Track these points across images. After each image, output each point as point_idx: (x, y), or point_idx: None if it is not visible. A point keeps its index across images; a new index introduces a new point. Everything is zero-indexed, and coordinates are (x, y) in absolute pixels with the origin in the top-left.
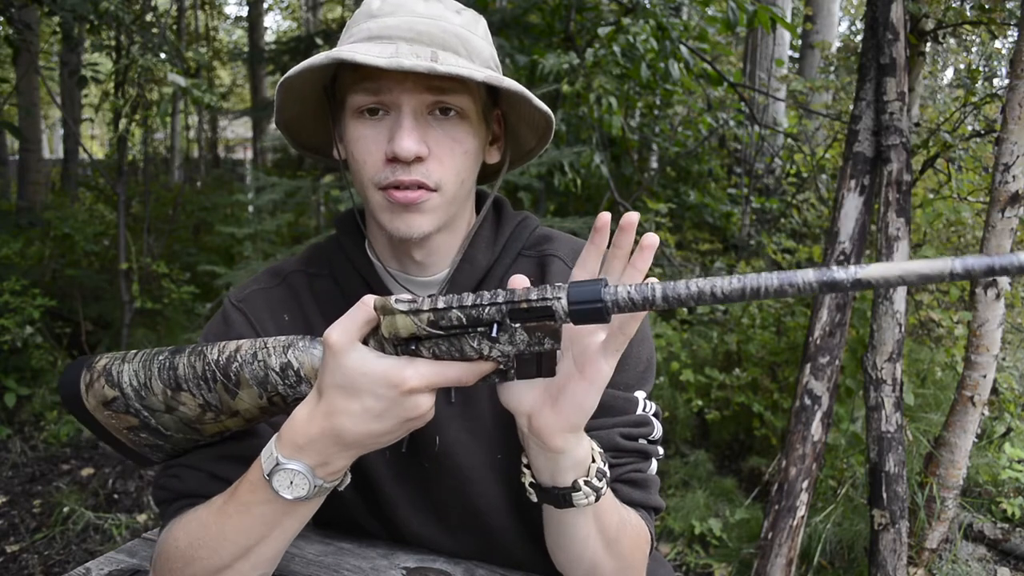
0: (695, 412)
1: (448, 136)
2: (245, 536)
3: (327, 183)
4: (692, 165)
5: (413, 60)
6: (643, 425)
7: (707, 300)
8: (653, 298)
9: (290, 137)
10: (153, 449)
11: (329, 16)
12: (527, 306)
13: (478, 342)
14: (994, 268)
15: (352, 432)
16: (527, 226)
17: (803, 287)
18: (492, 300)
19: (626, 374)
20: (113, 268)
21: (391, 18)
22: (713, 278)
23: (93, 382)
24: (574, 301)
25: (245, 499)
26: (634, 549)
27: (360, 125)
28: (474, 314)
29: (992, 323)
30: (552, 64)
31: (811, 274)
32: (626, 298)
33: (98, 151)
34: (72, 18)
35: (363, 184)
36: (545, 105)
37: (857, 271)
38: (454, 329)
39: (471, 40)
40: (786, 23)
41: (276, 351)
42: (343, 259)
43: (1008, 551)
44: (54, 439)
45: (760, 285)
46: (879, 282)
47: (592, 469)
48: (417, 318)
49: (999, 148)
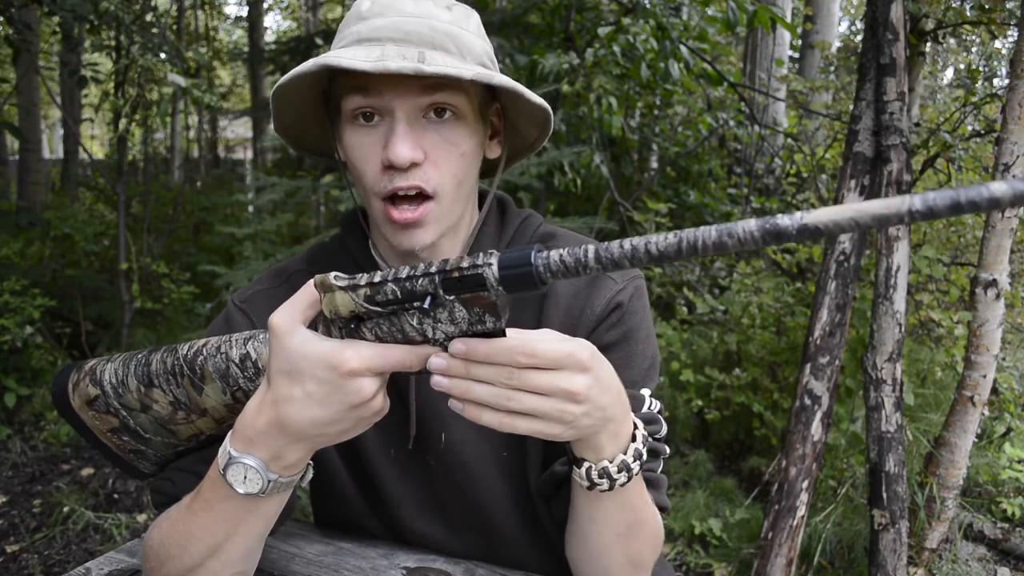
0: (695, 412)
1: (444, 139)
2: (211, 534)
3: (327, 183)
4: (692, 165)
5: (399, 62)
6: (651, 423)
7: (642, 258)
8: (586, 260)
9: (292, 141)
10: (137, 456)
11: (329, 16)
12: (458, 275)
13: (418, 320)
14: (960, 203)
15: (296, 420)
16: (531, 224)
17: (744, 238)
18: (425, 271)
19: (632, 371)
20: (113, 268)
21: (379, 19)
22: (649, 236)
23: (79, 381)
24: (504, 266)
25: (207, 496)
26: (647, 548)
27: (356, 132)
28: (408, 287)
29: (992, 323)
30: (552, 64)
31: (752, 224)
32: (558, 261)
33: (98, 151)
34: (72, 18)
35: (365, 192)
36: (540, 98)
37: (804, 216)
38: (391, 304)
39: (462, 37)
40: (786, 23)
41: (237, 343)
42: (348, 259)
43: (1008, 551)
44: (54, 439)
45: (697, 238)
46: (828, 227)
47: (601, 462)
48: (355, 294)
49: (999, 148)
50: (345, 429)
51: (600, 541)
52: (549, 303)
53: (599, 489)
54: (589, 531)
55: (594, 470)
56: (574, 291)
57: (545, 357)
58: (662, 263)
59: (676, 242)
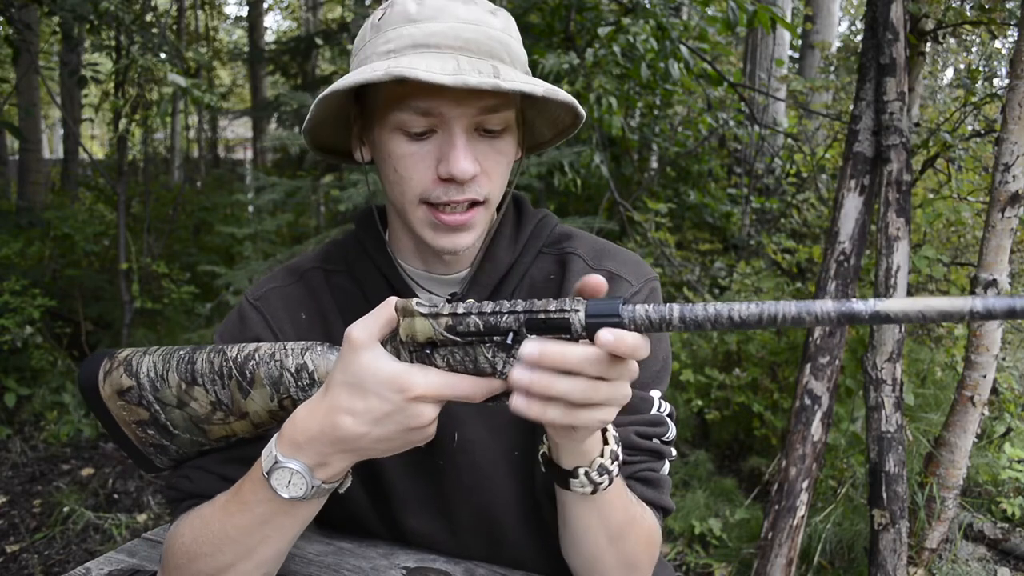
0: (695, 412)
1: (495, 150)
2: (246, 535)
3: (327, 183)
4: (692, 165)
5: (477, 77)
6: (658, 425)
7: (724, 324)
8: (670, 318)
9: (309, 139)
10: (157, 450)
11: (329, 16)
12: (545, 316)
13: (493, 353)
14: (1015, 309)
15: (351, 432)
16: (547, 224)
17: (821, 316)
18: (511, 308)
19: (642, 373)
20: (113, 268)
21: (434, 24)
22: (732, 303)
23: (112, 370)
24: (591, 314)
25: (246, 497)
26: (641, 549)
27: (403, 142)
28: (492, 321)
29: (992, 323)
30: (552, 64)
31: (830, 304)
32: (643, 316)
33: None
34: (72, 18)
35: (403, 197)
36: (581, 108)
37: (876, 303)
38: (471, 336)
39: (512, 46)
40: (786, 23)
41: (294, 353)
42: (363, 257)
43: (1008, 551)
44: (54, 439)
45: (778, 312)
46: (898, 315)
47: (596, 463)
48: (436, 322)
49: (999, 148)
50: (394, 447)
51: (595, 546)
52: None
53: (602, 487)
54: (583, 539)
55: (592, 471)
56: None
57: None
58: (743, 330)
59: (758, 312)
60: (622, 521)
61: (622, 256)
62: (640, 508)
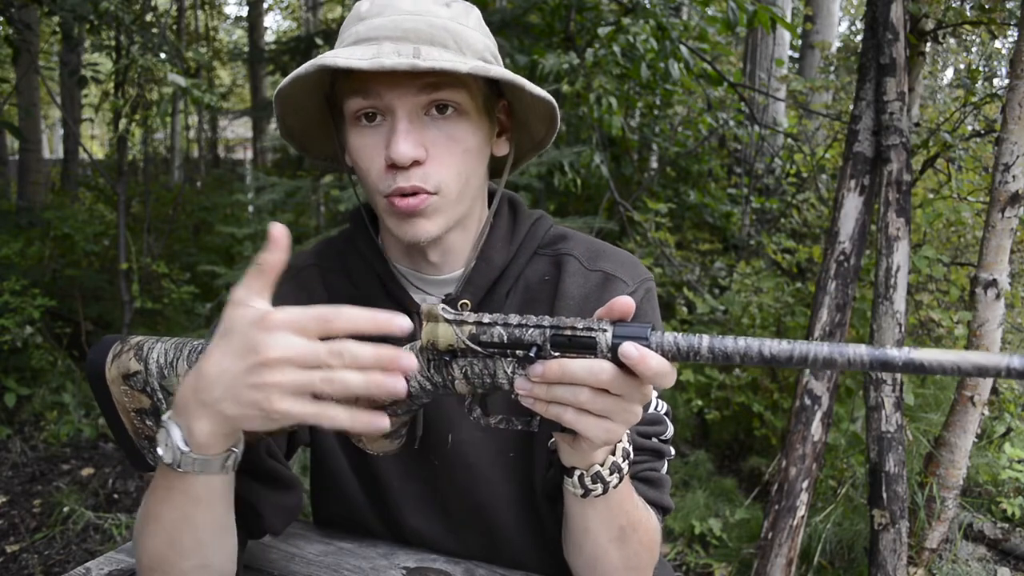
0: (695, 412)
1: (446, 136)
2: (167, 513)
3: (327, 183)
4: (692, 165)
5: (394, 59)
6: (657, 424)
7: (754, 358)
8: (699, 349)
9: (298, 145)
10: (151, 443)
11: (329, 16)
12: (570, 333)
13: (513, 368)
14: None
15: (206, 374)
16: (543, 225)
17: (853, 359)
18: (538, 323)
19: None
20: (113, 268)
21: (377, 19)
22: (764, 339)
23: (122, 353)
24: (619, 337)
25: (157, 474)
26: (643, 550)
27: (359, 134)
28: (516, 334)
29: (992, 323)
30: (552, 64)
31: (863, 349)
32: (672, 345)
33: (98, 151)
34: (72, 18)
35: (370, 192)
36: (542, 90)
37: (911, 352)
38: (493, 348)
39: (461, 32)
40: (786, 23)
41: None
42: (356, 256)
43: (1008, 551)
44: (54, 439)
45: (809, 351)
46: (932, 366)
47: (593, 469)
48: (459, 329)
49: (999, 148)
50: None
51: (595, 547)
52: (560, 304)
53: (593, 494)
54: (583, 539)
55: (587, 476)
56: (585, 293)
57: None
58: (772, 366)
59: (789, 350)
60: (626, 524)
61: (618, 257)
62: (646, 512)
